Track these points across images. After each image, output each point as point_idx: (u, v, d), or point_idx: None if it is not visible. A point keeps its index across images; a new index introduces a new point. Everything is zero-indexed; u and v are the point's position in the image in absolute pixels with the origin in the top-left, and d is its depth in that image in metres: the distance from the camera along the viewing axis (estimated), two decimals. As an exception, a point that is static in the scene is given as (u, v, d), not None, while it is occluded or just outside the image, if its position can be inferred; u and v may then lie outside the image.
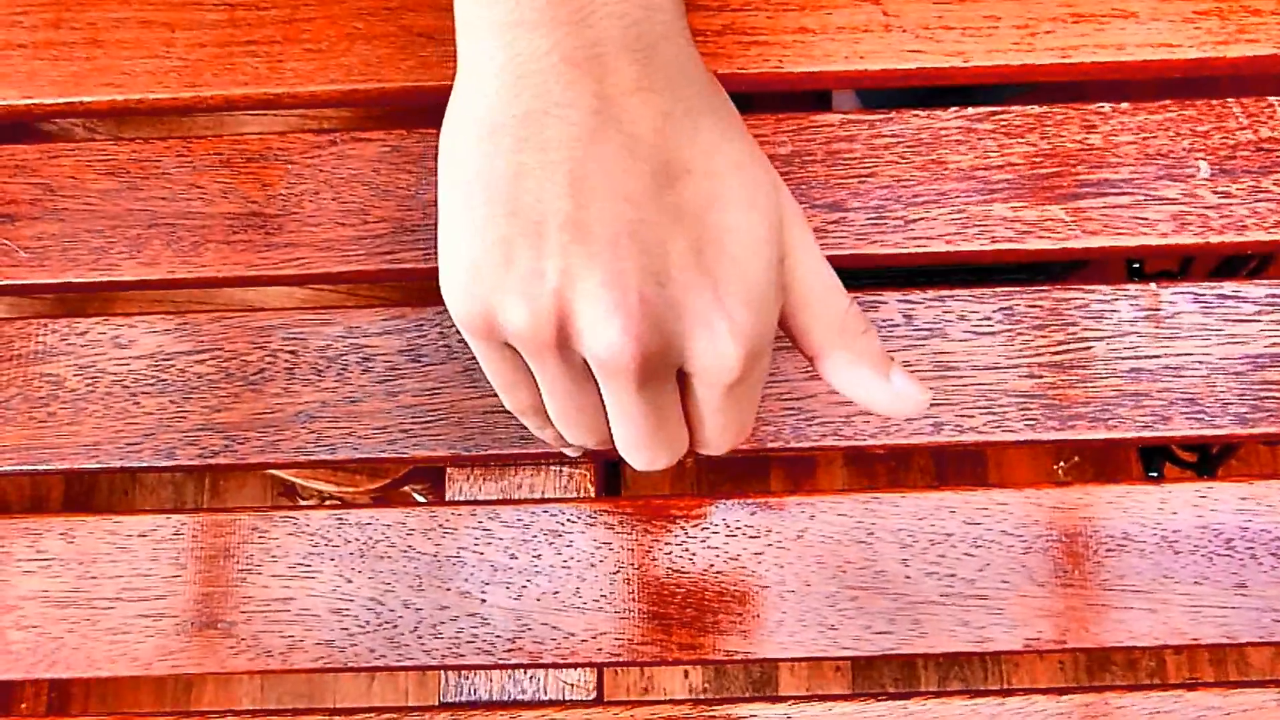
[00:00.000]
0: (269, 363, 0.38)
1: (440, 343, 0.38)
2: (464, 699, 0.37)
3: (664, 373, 0.27)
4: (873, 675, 1.07)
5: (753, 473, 1.12)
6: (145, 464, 0.38)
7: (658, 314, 0.25)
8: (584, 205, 0.24)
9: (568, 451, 0.35)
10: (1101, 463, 1.09)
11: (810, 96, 0.76)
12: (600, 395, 0.28)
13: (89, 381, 0.38)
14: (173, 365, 0.38)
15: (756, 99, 0.57)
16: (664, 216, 0.25)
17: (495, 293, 0.25)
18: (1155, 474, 0.86)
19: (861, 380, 0.29)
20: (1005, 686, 0.78)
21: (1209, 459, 0.85)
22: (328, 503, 0.62)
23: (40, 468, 0.38)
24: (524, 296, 0.25)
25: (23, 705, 1.10)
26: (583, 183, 0.25)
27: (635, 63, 0.25)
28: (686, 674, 1.09)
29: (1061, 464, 1.08)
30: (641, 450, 0.29)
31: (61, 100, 0.40)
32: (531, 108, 0.25)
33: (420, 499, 0.75)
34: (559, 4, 0.25)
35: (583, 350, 0.26)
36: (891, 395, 0.29)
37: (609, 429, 0.29)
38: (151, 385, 0.38)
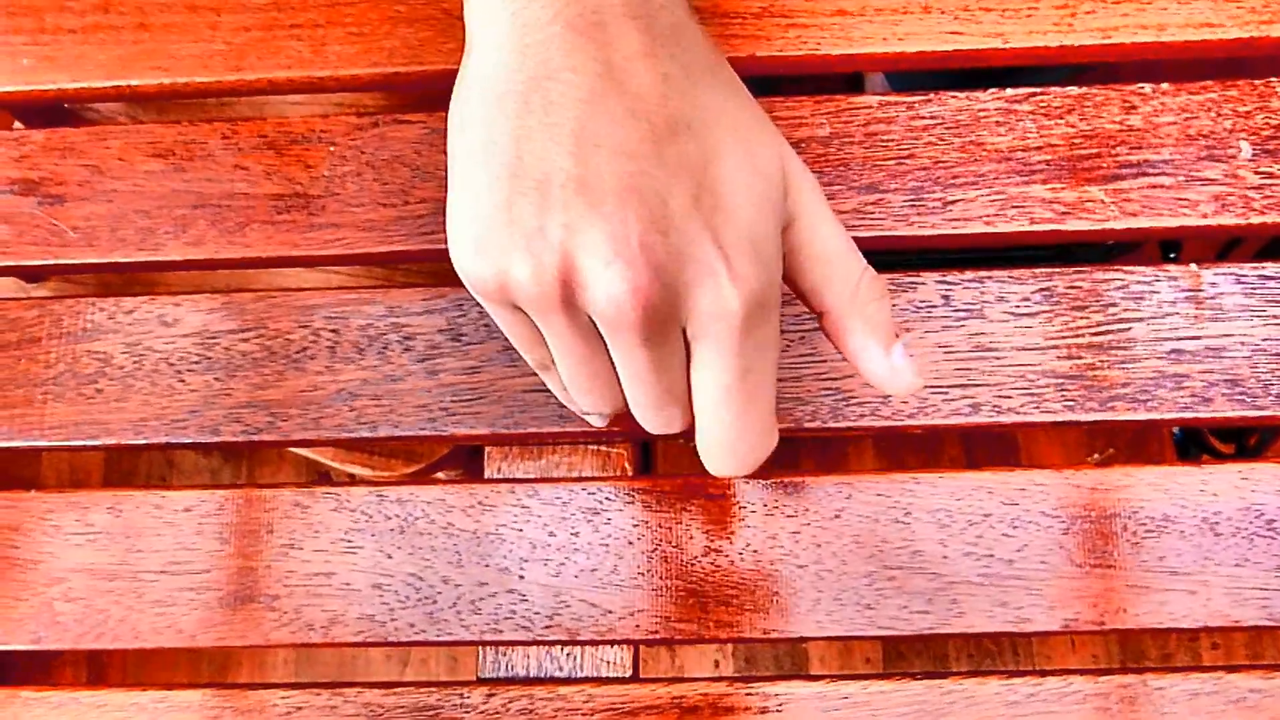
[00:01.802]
0: (311, 341, 0.39)
1: (480, 322, 0.38)
2: (502, 675, 0.38)
3: (669, 327, 0.27)
4: (903, 666, 1.07)
5: (782, 457, 1.11)
6: (190, 440, 0.38)
7: (659, 263, 0.25)
8: (585, 162, 0.25)
9: (592, 420, 0.34)
10: (1136, 454, 1.08)
11: (842, 79, 0.76)
12: (610, 359, 0.28)
13: (136, 359, 0.39)
14: (217, 343, 0.39)
15: (792, 81, 0.57)
16: (664, 169, 0.25)
17: (501, 253, 0.26)
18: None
19: (865, 347, 0.29)
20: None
21: (1245, 451, 0.84)
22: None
23: (88, 443, 0.38)
24: (528, 254, 0.25)
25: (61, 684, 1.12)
26: (584, 141, 0.25)
27: (636, 30, 0.26)
28: (717, 664, 1.10)
29: (1095, 455, 1.08)
30: (654, 410, 0.29)
31: (109, 83, 0.40)
32: (535, 74, 0.26)
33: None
34: None
35: (587, 305, 0.26)
36: (889, 368, 0.29)
37: (621, 395, 0.30)
38: (197, 363, 0.39)
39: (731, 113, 0.27)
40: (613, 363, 0.28)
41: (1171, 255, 0.81)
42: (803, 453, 1.12)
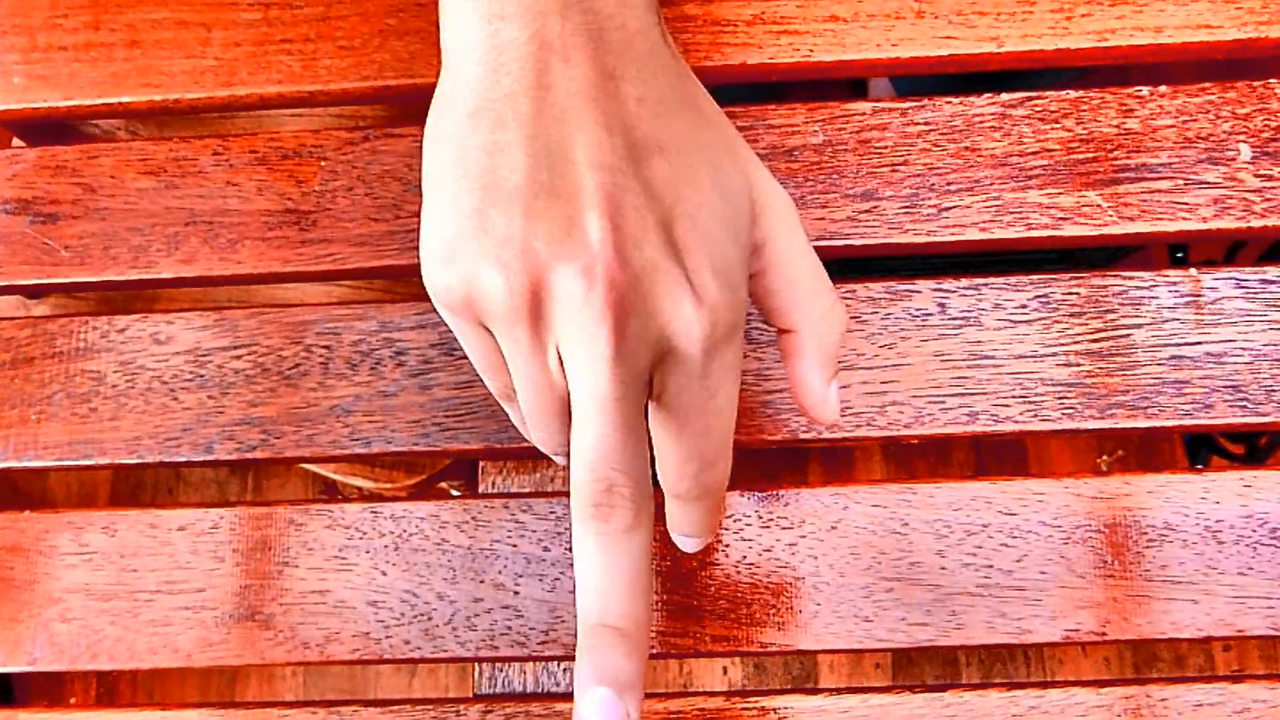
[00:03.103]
0: (304, 358, 0.38)
1: (473, 336, 0.38)
2: (499, 691, 0.37)
3: (639, 347, 0.26)
4: (913, 673, 1.07)
5: (790, 467, 1.11)
6: (184, 458, 0.38)
7: (634, 274, 0.25)
8: (561, 175, 0.25)
9: (556, 459, 0.32)
10: (1145, 458, 1.07)
11: (844, 85, 0.76)
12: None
13: (129, 378, 0.39)
14: (210, 361, 0.39)
15: (788, 88, 0.57)
16: (637, 187, 0.25)
17: (471, 262, 0.25)
18: (1200, 467, 0.85)
19: (812, 372, 0.29)
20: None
21: (1256, 452, 0.84)
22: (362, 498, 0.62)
23: (82, 462, 0.38)
24: (497, 263, 0.25)
25: (72, 700, 1.12)
26: (558, 155, 0.25)
27: (610, 53, 0.26)
28: (725, 670, 1.09)
29: (1104, 458, 1.07)
30: (606, 461, 0.26)
31: (101, 101, 0.40)
32: (511, 90, 0.26)
33: (455, 495, 0.76)
34: (537, 0, 0.26)
35: (557, 317, 0.25)
36: (824, 397, 0.29)
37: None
38: (190, 381, 0.39)
39: (702, 138, 0.27)
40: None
41: (1179, 256, 0.81)
42: (810, 462, 1.11)
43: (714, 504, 0.30)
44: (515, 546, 0.37)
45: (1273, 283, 0.36)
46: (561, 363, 0.26)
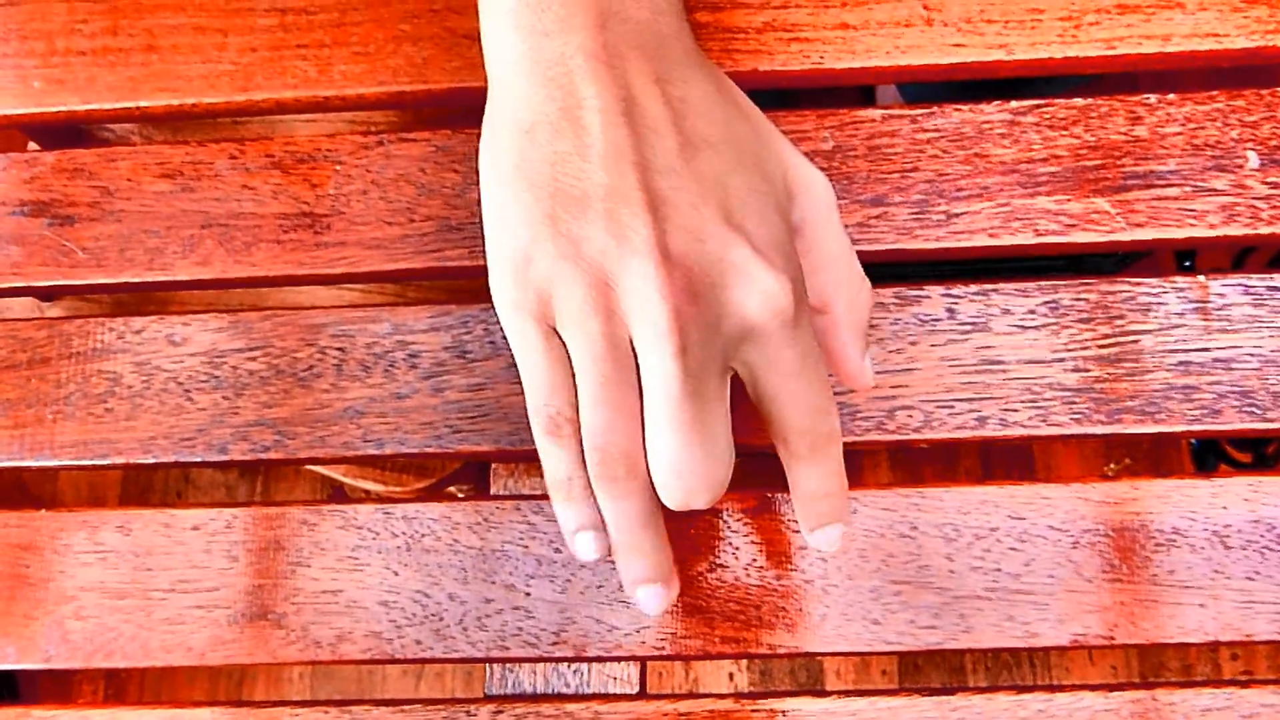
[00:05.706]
0: (318, 359, 0.39)
1: (486, 339, 0.38)
2: (509, 691, 0.38)
3: (709, 338, 0.27)
4: (920, 680, 1.06)
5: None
6: (199, 459, 0.38)
7: (700, 269, 0.27)
8: (621, 178, 0.27)
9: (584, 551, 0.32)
10: (1153, 465, 1.07)
11: (854, 92, 0.76)
12: (638, 401, 0.28)
13: (145, 378, 0.39)
14: (225, 362, 0.39)
15: (799, 95, 0.57)
16: (693, 182, 0.27)
17: (547, 263, 0.27)
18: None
19: (850, 346, 0.32)
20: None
21: (1264, 460, 0.84)
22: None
23: (98, 461, 0.39)
24: (573, 261, 0.27)
25: (79, 701, 1.13)
26: (618, 160, 0.27)
27: (649, 59, 0.28)
28: (732, 676, 1.09)
29: (1112, 466, 1.07)
30: (683, 469, 0.28)
31: (119, 105, 0.41)
32: (562, 104, 0.28)
33: (461, 498, 0.76)
34: (577, 13, 0.28)
35: (628, 313, 0.27)
36: (861, 369, 0.32)
37: (639, 438, 0.29)
38: (205, 382, 0.39)
39: (740, 130, 0.29)
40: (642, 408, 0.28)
41: (1186, 264, 0.81)
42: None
43: (838, 460, 0.31)
44: (526, 548, 0.37)
45: (1280, 289, 0.37)
46: (637, 364, 0.28)
